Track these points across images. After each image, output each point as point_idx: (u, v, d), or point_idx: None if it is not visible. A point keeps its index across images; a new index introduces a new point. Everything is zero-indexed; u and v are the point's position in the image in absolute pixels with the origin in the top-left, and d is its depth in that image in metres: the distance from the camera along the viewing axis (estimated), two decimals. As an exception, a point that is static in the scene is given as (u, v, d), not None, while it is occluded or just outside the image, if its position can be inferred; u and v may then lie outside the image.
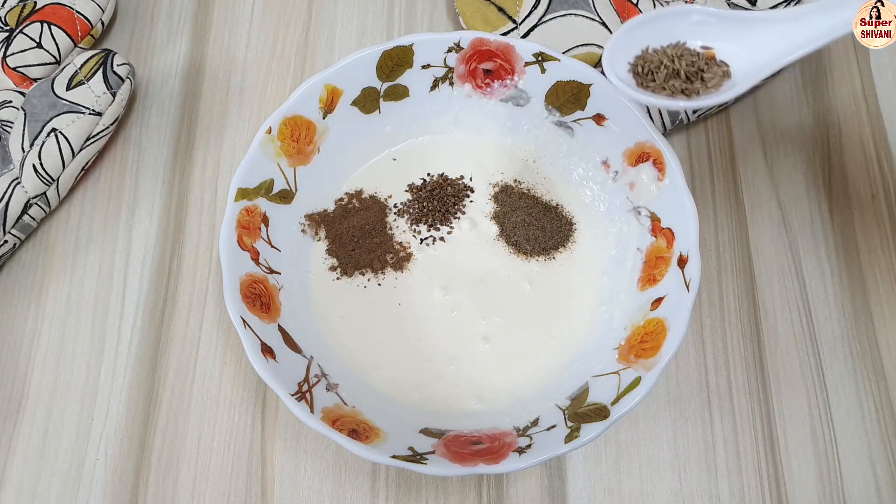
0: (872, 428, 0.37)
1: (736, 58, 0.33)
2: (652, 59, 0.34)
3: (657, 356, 0.32)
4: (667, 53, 0.33)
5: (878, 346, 0.38)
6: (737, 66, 0.33)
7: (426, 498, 0.35)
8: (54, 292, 0.39)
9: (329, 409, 0.33)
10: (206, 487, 0.35)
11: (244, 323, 0.33)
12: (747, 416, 0.37)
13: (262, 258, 0.36)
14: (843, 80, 0.44)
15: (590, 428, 0.31)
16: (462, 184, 0.41)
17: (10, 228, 0.38)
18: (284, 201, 0.38)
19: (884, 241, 0.41)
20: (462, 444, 0.32)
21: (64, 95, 0.38)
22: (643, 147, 0.36)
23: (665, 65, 0.33)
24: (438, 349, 0.37)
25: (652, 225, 0.36)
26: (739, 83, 0.33)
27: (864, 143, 0.43)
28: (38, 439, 0.36)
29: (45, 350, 0.38)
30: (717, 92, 0.33)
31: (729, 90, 0.32)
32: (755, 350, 0.38)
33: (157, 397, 0.37)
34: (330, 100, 0.38)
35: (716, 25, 0.34)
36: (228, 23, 0.46)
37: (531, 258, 0.39)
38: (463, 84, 0.40)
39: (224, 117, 0.43)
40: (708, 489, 0.36)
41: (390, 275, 0.39)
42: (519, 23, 0.42)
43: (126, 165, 0.42)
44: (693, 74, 0.33)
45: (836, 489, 0.36)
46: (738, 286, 0.39)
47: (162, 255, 0.40)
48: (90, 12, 0.42)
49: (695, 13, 0.34)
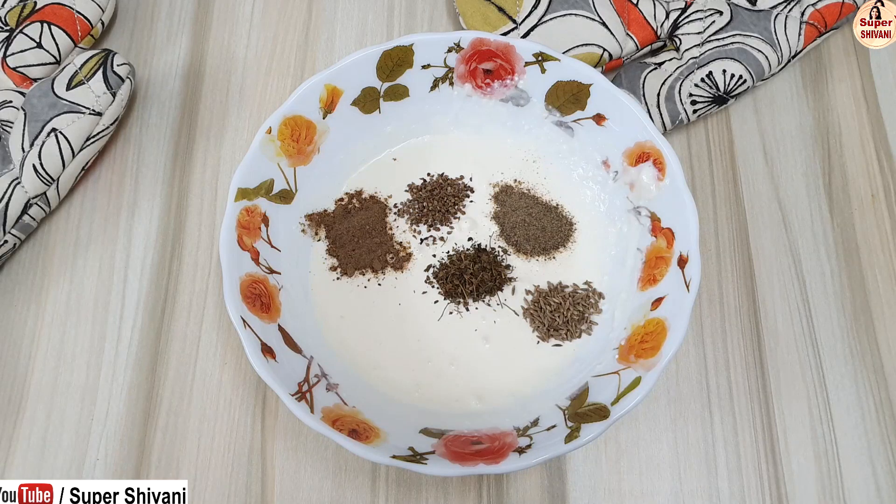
0: (872, 428, 0.37)
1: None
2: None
3: (657, 356, 0.32)
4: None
5: (878, 346, 0.38)
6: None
7: (426, 498, 0.35)
8: (54, 292, 0.39)
9: (329, 409, 0.33)
10: (206, 487, 0.35)
11: (244, 323, 0.33)
12: (747, 416, 0.37)
13: (262, 258, 0.36)
14: (843, 80, 0.44)
15: (590, 428, 0.31)
16: (462, 184, 0.41)
17: (10, 228, 0.38)
18: (284, 201, 0.38)
19: (884, 241, 0.41)
20: (462, 444, 0.32)
21: (64, 95, 0.38)
22: (643, 147, 0.36)
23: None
24: (438, 349, 0.37)
25: (652, 225, 0.36)
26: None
27: (864, 143, 0.43)
28: (38, 439, 0.36)
29: (45, 350, 0.38)
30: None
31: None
32: (755, 350, 0.38)
33: (157, 397, 0.37)
34: (330, 100, 0.38)
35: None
36: (228, 23, 0.46)
37: (531, 258, 0.39)
38: (463, 84, 0.40)
39: (224, 117, 0.43)
40: (708, 489, 0.36)
41: (390, 275, 0.39)
42: (519, 23, 0.42)
43: (126, 165, 0.42)
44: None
45: (836, 489, 0.36)
46: (738, 286, 0.39)
47: (162, 255, 0.40)
48: (90, 12, 0.42)
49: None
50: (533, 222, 0.39)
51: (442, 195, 0.40)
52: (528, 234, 0.39)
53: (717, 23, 0.42)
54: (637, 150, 0.37)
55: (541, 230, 0.39)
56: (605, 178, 0.39)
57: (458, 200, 0.40)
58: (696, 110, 0.41)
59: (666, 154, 0.35)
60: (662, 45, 0.43)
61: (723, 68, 0.41)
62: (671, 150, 0.35)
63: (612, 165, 0.38)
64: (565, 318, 0.37)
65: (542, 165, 0.41)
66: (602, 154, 0.39)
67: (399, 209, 0.40)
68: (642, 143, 0.36)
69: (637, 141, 0.37)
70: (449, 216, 0.40)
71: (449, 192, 0.40)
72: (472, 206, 0.40)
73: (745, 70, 0.41)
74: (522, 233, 0.39)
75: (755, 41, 0.41)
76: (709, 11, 0.42)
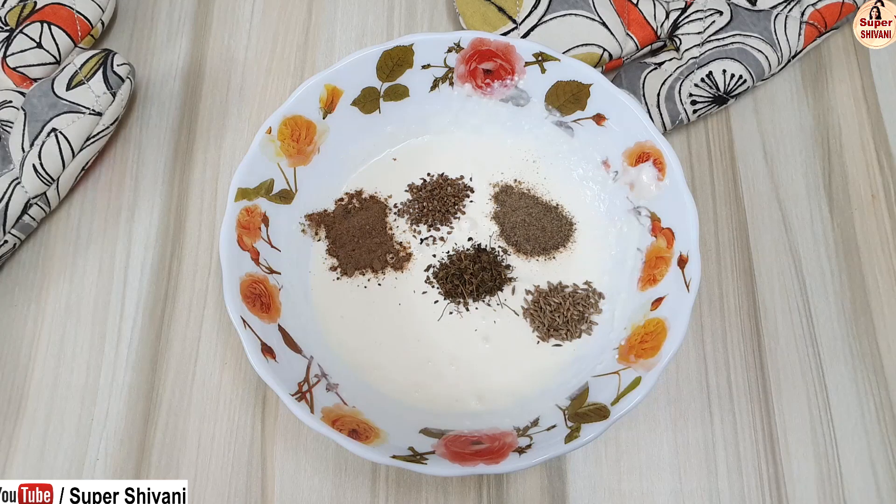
0: (872, 428, 0.37)
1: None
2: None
3: (657, 356, 0.32)
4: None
5: (878, 346, 0.38)
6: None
7: (426, 498, 0.35)
8: (54, 292, 0.39)
9: (329, 409, 0.33)
10: (206, 487, 0.35)
11: (244, 323, 0.33)
12: (747, 416, 0.37)
13: (262, 258, 0.36)
14: (843, 80, 0.44)
15: (590, 428, 0.31)
16: (462, 184, 0.41)
17: (10, 228, 0.38)
18: (284, 201, 0.38)
19: (884, 241, 0.41)
20: (462, 444, 0.32)
21: (64, 95, 0.38)
22: (643, 147, 0.36)
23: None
24: (438, 349, 0.37)
25: (652, 225, 0.36)
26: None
27: (864, 143, 0.43)
28: (38, 439, 0.36)
29: (45, 350, 0.38)
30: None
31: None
32: (755, 350, 0.38)
33: (157, 397, 0.37)
34: (330, 100, 0.38)
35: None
36: (228, 23, 0.46)
37: (531, 258, 0.39)
38: (463, 84, 0.40)
39: (224, 117, 0.43)
40: (708, 489, 0.36)
41: (390, 275, 0.39)
42: (519, 23, 0.42)
43: (126, 165, 0.42)
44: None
45: (836, 489, 0.36)
46: (738, 286, 0.39)
47: (162, 255, 0.40)
48: (90, 12, 0.42)
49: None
50: (533, 222, 0.39)
51: (442, 195, 0.40)
52: (528, 234, 0.39)
53: (717, 23, 0.42)
54: (637, 150, 0.37)
55: (541, 230, 0.39)
56: (605, 178, 0.39)
57: (458, 200, 0.40)
58: (696, 110, 0.41)
59: (666, 154, 0.35)
60: (662, 45, 0.43)
61: (723, 68, 0.41)
62: (671, 150, 0.35)
63: (612, 165, 0.38)
64: (565, 318, 0.37)
65: (542, 165, 0.41)
66: (602, 154, 0.39)
67: (399, 209, 0.40)
68: (642, 143, 0.36)
69: (637, 141, 0.37)
70: (449, 216, 0.40)
71: (449, 192, 0.40)
72: (472, 206, 0.40)
73: (745, 70, 0.41)
74: (522, 233, 0.39)
75: (755, 41, 0.41)
76: (709, 11, 0.42)
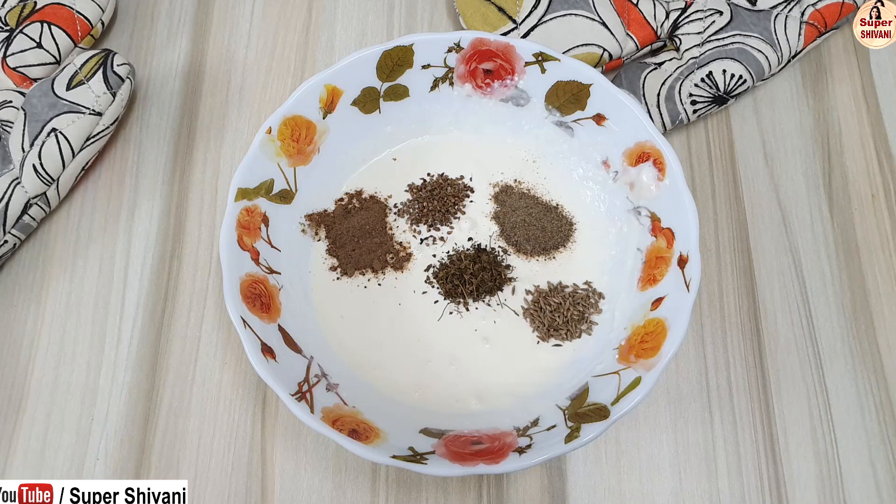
0: (872, 428, 0.37)
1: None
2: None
3: (657, 356, 0.32)
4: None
5: (878, 346, 0.38)
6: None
7: (426, 498, 0.35)
8: (54, 292, 0.39)
9: (329, 409, 0.33)
10: (206, 487, 0.35)
11: (244, 323, 0.33)
12: (747, 416, 0.37)
13: (262, 258, 0.36)
14: (843, 80, 0.44)
15: (590, 428, 0.31)
16: (462, 184, 0.41)
17: (10, 228, 0.38)
18: (284, 201, 0.38)
19: (884, 241, 0.41)
20: (462, 444, 0.32)
21: (64, 95, 0.38)
22: (643, 147, 0.36)
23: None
24: (438, 349, 0.37)
25: (652, 225, 0.36)
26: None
27: (864, 143, 0.43)
28: (38, 439, 0.36)
29: (45, 350, 0.38)
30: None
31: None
32: (755, 350, 0.38)
33: (157, 397, 0.37)
34: (330, 100, 0.38)
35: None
36: (228, 23, 0.46)
37: (531, 258, 0.39)
38: (463, 84, 0.39)
39: (224, 117, 0.43)
40: (708, 489, 0.36)
41: (390, 275, 0.39)
42: (519, 23, 0.42)
43: (126, 165, 0.42)
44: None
45: (836, 489, 0.36)
46: (738, 286, 0.39)
47: (162, 255, 0.40)
48: (90, 12, 0.42)
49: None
50: (533, 222, 0.39)
51: (442, 195, 0.40)
52: (528, 234, 0.39)
53: (717, 23, 0.42)
54: (637, 150, 0.37)
55: (541, 230, 0.39)
56: (605, 178, 0.39)
57: (458, 200, 0.40)
58: (696, 110, 0.41)
59: (666, 154, 0.35)
60: (662, 45, 0.43)
61: (723, 68, 0.41)
62: (671, 150, 0.35)
63: (612, 165, 0.38)
64: (565, 318, 0.37)
65: (542, 165, 0.41)
66: (602, 154, 0.39)
67: (399, 209, 0.40)
68: (642, 143, 0.36)
69: (637, 141, 0.37)
70: (449, 216, 0.40)
71: (449, 192, 0.40)
72: (472, 206, 0.40)
73: (745, 70, 0.41)
74: (522, 233, 0.39)
75: (755, 41, 0.41)
76: (709, 11, 0.42)
